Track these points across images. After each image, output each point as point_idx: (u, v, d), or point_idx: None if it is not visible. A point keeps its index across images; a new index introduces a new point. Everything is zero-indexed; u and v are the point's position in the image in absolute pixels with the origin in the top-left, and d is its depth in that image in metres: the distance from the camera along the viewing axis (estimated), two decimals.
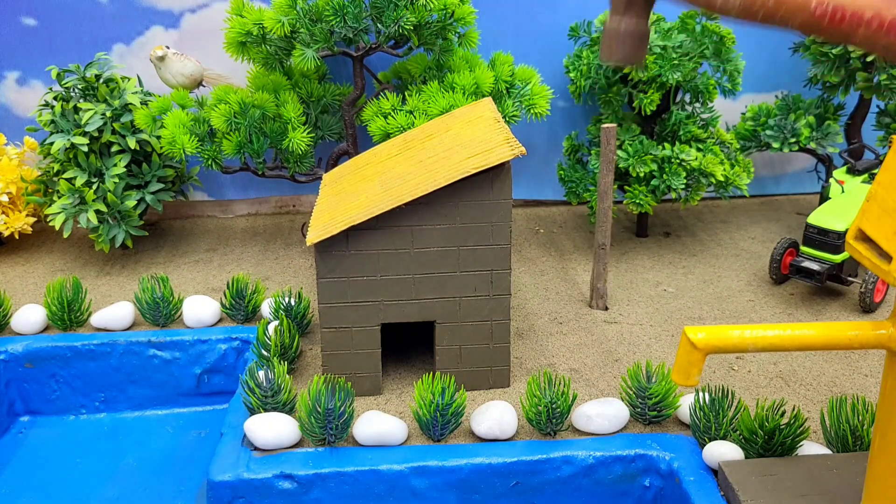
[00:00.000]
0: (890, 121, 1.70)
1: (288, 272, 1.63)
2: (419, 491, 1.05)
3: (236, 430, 1.11)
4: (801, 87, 1.78)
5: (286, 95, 1.54)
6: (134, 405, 1.40)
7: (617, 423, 1.09)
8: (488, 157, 1.05)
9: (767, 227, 1.84)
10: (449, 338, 1.16)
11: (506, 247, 1.12)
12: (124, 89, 1.64)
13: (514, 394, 1.18)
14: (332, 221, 1.09)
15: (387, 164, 1.20)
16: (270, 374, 1.12)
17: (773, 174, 2.06)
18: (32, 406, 1.39)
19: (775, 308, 1.46)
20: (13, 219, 1.69)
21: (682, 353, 0.66)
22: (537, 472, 1.05)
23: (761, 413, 1.00)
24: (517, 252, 1.72)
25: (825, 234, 1.43)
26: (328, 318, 1.13)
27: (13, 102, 1.83)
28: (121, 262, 1.69)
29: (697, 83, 1.60)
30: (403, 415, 1.13)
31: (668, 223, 1.87)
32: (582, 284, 1.55)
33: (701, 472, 1.01)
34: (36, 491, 1.24)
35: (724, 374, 1.24)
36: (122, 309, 1.39)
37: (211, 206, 1.98)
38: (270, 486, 1.03)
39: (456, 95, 1.45)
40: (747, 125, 1.75)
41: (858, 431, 1.01)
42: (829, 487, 0.94)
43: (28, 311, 1.38)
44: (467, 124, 1.18)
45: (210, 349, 1.37)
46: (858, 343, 0.66)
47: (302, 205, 2.01)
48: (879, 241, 0.63)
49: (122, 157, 1.61)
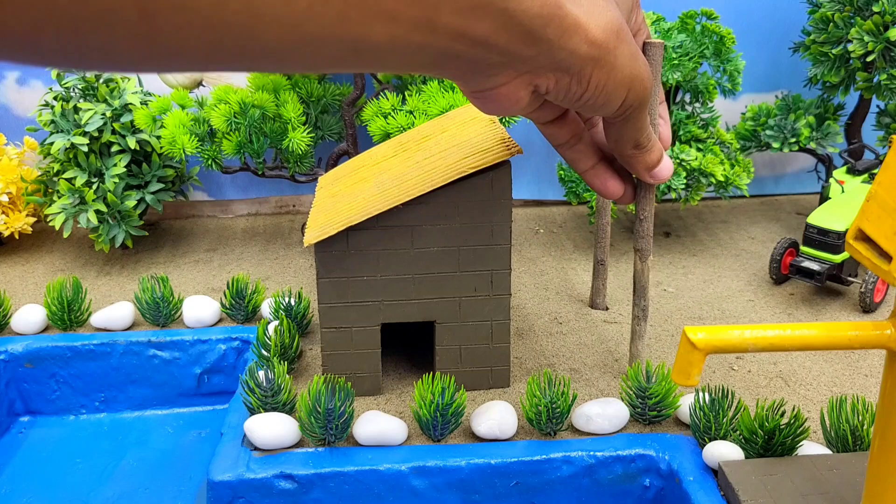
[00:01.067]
0: (890, 121, 1.70)
1: (288, 272, 1.63)
2: (419, 491, 1.05)
3: (236, 430, 1.11)
4: (801, 87, 1.78)
5: (286, 95, 1.54)
6: (134, 405, 1.40)
7: (617, 423, 1.09)
8: (485, 157, 1.05)
9: (767, 227, 1.84)
10: (449, 338, 1.16)
11: (506, 247, 1.12)
12: (124, 89, 1.64)
13: (514, 394, 1.18)
14: (329, 222, 1.09)
15: (383, 166, 1.20)
16: (270, 374, 1.12)
17: (773, 174, 2.06)
18: (32, 406, 1.39)
19: (775, 308, 1.45)
20: (13, 219, 1.69)
21: (681, 353, 0.66)
22: (537, 472, 1.05)
23: (761, 413, 1.00)
24: (517, 252, 1.72)
25: (825, 234, 1.43)
26: (328, 318, 1.13)
27: (13, 102, 1.83)
28: (121, 262, 1.69)
29: (697, 83, 1.60)
30: (403, 415, 1.13)
31: (668, 223, 1.87)
32: (582, 284, 1.55)
33: (701, 472, 1.01)
34: (36, 491, 1.24)
35: (724, 374, 1.24)
36: (122, 309, 1.39)
37: (211, 206, 1.98)
38: (270, 486, 1.03)
39: (456, 95, 1.45)
40: (747, 125, 1.75)
41: (858, 431, 1.01)
42: (829, 487, 0.94)
43: (28, 311, 1.38)
44: (463, 125, 1.18)
45: (210, 349, 1.37)
46: (858, 343, 0.66)
47: (302, 205, 2.01)
48: (879, 241, 0.63)
49: (122, 157, 1.61)
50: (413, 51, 0.40)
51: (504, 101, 0.50)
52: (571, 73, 0.49)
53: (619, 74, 0.51)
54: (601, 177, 0.68)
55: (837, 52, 1.58)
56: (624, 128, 0.59)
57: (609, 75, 0.50)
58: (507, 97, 0.50)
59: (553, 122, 0.62)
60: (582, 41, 0.47)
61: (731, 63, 1.59)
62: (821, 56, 1.62)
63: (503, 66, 0.46)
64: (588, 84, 0.50)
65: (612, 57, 0.49)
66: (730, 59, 1.59)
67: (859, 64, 1.57)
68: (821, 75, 1.63)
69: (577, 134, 0.64)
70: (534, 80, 0.49)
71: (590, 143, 0.65)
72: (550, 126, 0.63)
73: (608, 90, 0.51)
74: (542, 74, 0.48)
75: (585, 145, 0.65)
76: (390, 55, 0.39)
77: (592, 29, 0.47)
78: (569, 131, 0.63)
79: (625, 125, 0.59)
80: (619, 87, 0.52)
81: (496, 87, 0.49)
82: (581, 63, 0.48)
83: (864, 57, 1.55)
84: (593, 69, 0.49)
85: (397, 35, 0.38)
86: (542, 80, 0.49)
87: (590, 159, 0.66)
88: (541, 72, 0.48)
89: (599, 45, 0.48)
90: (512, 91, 0.49)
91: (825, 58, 1.62)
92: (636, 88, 0.53)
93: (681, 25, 1.59)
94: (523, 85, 0.49)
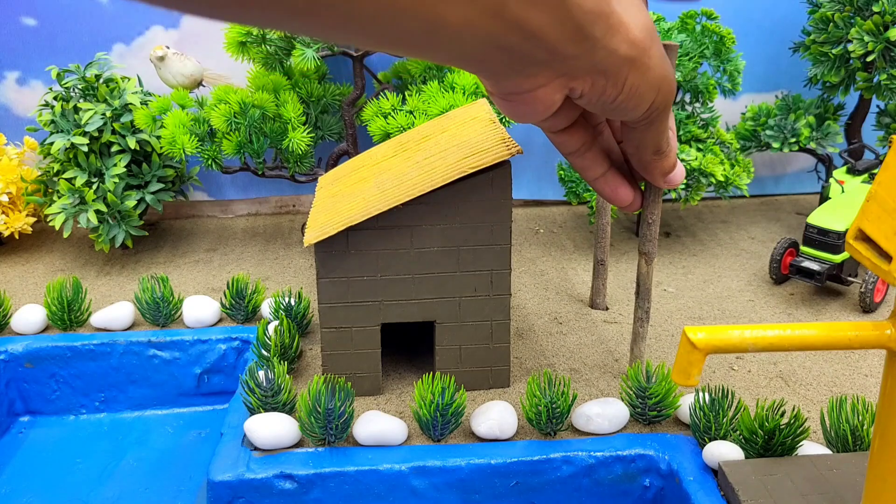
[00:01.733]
0: (890, 121, 1.70)
1: (288, 272, 1.63)
2: (419, 491, 1.05)
3: (236, 430, 1.11)
4: (801, 87, 1.78)
5: (286, 95, 1.54)
6: (134, 405, 1.40)
7: (617, 423, 1.09)
8: (484, 156, 1.05)
9: (767, 227, 1.84)
10: (449, 338, 1.16)
11: (506, 247, 1.12)
12: (124, 89, 1.64)
13: (514, 394, 1.18)
14: (329, 222, 1.09)
15: (383, 166, 1.20)
16: (270, 374, 1.12)
17: (773, 174, 2.06)
18: (32, 406, 1.39)
19: (775, 308, 1.45)
20: (13, 219, 1.69)
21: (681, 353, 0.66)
22: (537, 472, 1.05)
23: (761, 413, 1.00)
24: (517, 252, 1.72)
25: (825, 234, 1.43)
26: (328, 318, 1.13)
27: (13, 102, 1.83)
28: (121, 262, 1.69)
29: (697, 83, 1.60)
30: (403, 415, 1.13)
31: (668, 223, 1.87)
32: (582, 284, 1.55)
33: (701, 472, 1.01)
34: (36, 491, 1.24)
35: (724, 374, 1.24)
36: (122, 309, 1.39)
37: (211, 206, 1.98)
38: (270, 486, 1.03)
39: (456, 95, 1.44)
40: (747, 125, 1.75)
41: (858, 431, 1.01)
42: (829, 487, 0.94)
43: (28, 311, 1.38)
44: (463, 125, 1.18)
45: (210, 349, 1.37)
46: (858, 343, 0.66)
47: (302, 205, 2.01)
48: (879, 241, 0.63)
49: (122, 157, 1.61)
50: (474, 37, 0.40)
51: (539, 105, 0.49)
52: (608, 74, 0.48)
53: (651, 76, 0.50)
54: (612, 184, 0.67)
55: (837, 52, 1.58)
56: (647, 132, 0.58)
57: (643, 77, 0.50)
58: (542, 100, 0.49)
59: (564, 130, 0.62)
60: (623, 41, 0.46)
61: (731, 63, 1.59)
62: (821, 56, 1.62)
63: (544, 66, 0.45)
64: (623, 86, 0.50)
65: (646, 58, 0.49)
66: (730, 59, 1.59)
67: (859, 64, 1.57)
68: (821, 75, 1.63)
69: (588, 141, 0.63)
70: (569, 82, 0.48)
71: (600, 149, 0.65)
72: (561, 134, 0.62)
73: (641, 91, 0.51)
74: (578, 76, 0.48)
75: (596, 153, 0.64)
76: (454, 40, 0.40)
77: (633, 28, 0.47)
78: (580, 139, 0.62)
79: (648, 129, 0.58)
80: (651, 89, 0.51)
81: (534, 89, 0.48)
82: (619, 64, 0.48)
83: (864, 57, 1.55)
84: (629, 70, 0.49)
85: (469, 18, 0.39)
86: (578, 82, 0.48)
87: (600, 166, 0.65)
88: (578, 73, 0.47)
89: (637, 45, 0.47)
90: (549, 94, 0.48)
91: (825, 58, 1.62)
92: (664, 90, 0.53)
93: (681, 25, 1.59)
94: (559, 87, 0.48)
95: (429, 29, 0.38)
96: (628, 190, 0.67)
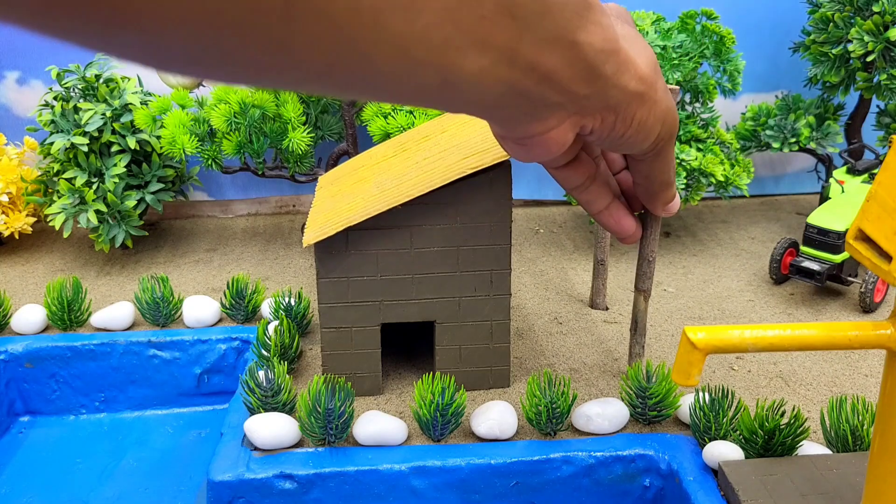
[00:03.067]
0: (890, 121, 1.70)
1: (288, 272, 1.63)
2: (419, 491, 1.05)
3: (236, 430, 1.11)
4: (801, 87, 1.78)
5: (286, 95, 1.54)
6: (134, 405, 1.40)
7: (617, 423, 1.09)
8: (484, 157, 1.05)
9: (767, 227, 1.84)
10: (449, 338, 1.16)
11: (506, 247, 1.12)
12: (124, 89, 1.64)
13: (514, 394, 1.18)
14: (329, 223, 1.09)
15: (383, 167, 1.20)
16: (270, 374, 1.12)
17: (773, 174, 2.06)
18: (32, 406, 1.39)
19: (775, 308, 1.45)
20: (13, 219, 1.69)
21: (681, 353, 0.66)
22: (537, 472, 1.05)
23: (761, 413, 1.00)
24: (517, 252, 1.72)
25: (825, 234, 1.43)
26: (328, 318, 1.13)
27: (13, 102, 1.83)
28: (121, 262, 1.69)
29: (697, 83, 1.60)
30: (403, 415, 1.13)
31: (668, 223, 1.87)
32: (582, 284, 1.55)
33: (701, 472, 1.01)
34: (36, 491, 1.24)
35: (724, 374, 1.24)
36: (122, 309, 1.39)
37: (211, 206, 1.98)
38: (270, 486, 1.03)
39: None
40: (747, 125, 1.75)
41: (858, 431, 1.01)
42: (829, 487, 0.94)
43: (28, 311, 1.38)
44: (463, 125, 1.18)
45: (210, 349, 1.37)
46: (858, 343, 0.66)
47: (302, 205, 2.01)
48: (879, 241, 0.63)
49: (122, 157, 1.61)
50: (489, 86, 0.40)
51: (552, 145, 0.48)
52: (619, 110, 0.48)
53: (658, 109, 0.50)
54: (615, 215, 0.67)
55: (837, 52, 1.58)
56: (654, 164, 0.59)
57: (651, 111, 0.50)
58: (555, 141, 0.48)
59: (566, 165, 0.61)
60: (632, 77, 0.46)
61: (731, 63, 1.59)
62: (821, 56, 1.62)
63: (557, 108, 0.45)
64: (632, 121, 0.49)
65: (653, 92, 0.49)
66: (730, 59, 1.59)
67: (859, 64, 1.57)
68: (821, 75, 1.63)
69: (591, 174, 0.62)
70: (581, 121, 0.48)
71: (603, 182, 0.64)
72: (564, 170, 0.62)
73: (648, 125, 0.51)
74: (588, 114, 0.47)
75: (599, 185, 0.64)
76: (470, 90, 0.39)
77: (640, 65, 0.47)
78: (583, 173, 0.62)
79: (655, 161, 0.58)
80: (657, 122, 0.51)
81: (546, 132, 0.47)
82: (628, 100, 0.47)
83: (864, 57, 1.55)
84: (638, 106, 0.49)
85: (484, 67, 0.38)
86: (589, 120, 0.48)
87: (604, 199, 0.65)
88: (588, 112, 0.47)
89: (645, 81, 0.47)
90: (562, 134, 0.48)
91: (825, 58, 1.62)
92: (669, 121, 0.53)
93: (681, 25, 1.59)
94: (571, 127, 0.48)
95: (444, 81, 0.38)
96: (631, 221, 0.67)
